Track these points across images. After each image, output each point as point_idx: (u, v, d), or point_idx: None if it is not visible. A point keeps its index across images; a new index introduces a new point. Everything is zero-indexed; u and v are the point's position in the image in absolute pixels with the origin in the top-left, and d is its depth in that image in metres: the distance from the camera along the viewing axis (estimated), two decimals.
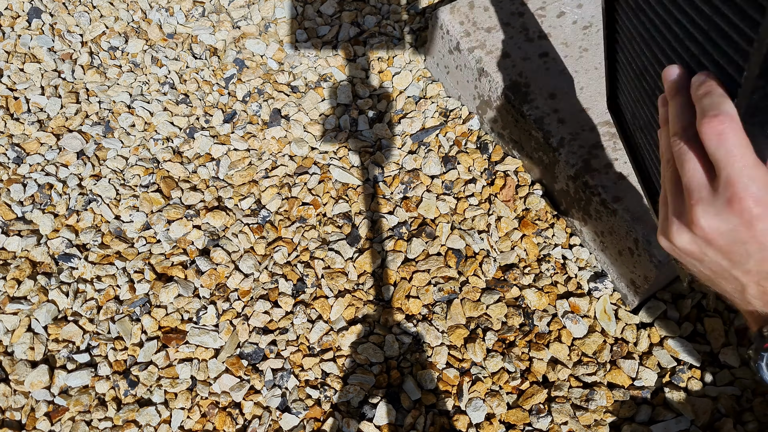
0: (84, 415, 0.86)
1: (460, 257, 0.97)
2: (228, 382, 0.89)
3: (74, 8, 1.30)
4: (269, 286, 0.96)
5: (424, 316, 0.93)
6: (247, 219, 1.03)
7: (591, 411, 0.83)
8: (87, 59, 1.23)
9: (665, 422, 0.81)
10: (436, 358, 0.89)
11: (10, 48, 1.24)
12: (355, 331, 0.92)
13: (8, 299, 0.94)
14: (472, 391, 0.86)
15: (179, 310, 0.95)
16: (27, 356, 0.91)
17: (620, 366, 0.86)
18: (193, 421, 0.86)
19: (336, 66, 1.21)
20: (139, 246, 1.01)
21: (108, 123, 1.16)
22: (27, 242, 1.00)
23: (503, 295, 0.93)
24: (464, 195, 1.02)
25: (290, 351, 0.91)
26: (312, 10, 1.30)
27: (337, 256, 0.98)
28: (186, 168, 1.10)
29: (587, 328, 0.89)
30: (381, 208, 1.03)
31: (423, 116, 1.12)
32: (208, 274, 0.97)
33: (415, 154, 1.08)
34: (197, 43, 1.26)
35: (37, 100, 1.18)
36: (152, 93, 1.20)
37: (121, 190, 1.07)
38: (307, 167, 1.09)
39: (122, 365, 0.91)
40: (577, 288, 0.93)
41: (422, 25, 1.26)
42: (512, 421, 0.83)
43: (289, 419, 0.85)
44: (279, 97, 1.17)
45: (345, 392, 0.87)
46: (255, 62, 1.23)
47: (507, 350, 0.89)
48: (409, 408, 0.85)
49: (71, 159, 1.11)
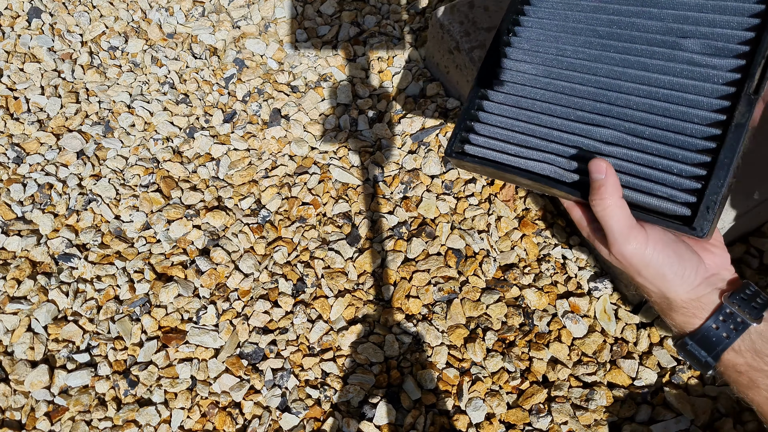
0: (84, 415, 0.86)
1: (460, 257, 0.97)
2: (228, 381, 0.89)
3: (74, 8, 1.30)
4: (269, 286, 0.96)
5: (424, 315, 0.93)
6: (247, 219, 1.03)
7: (591, 411, 0.83)
8: (87, 59, 1.23)
9: (665, 422, 0.81)
10: (436, 358, 0.89)
11: (10, 48, 1.24)
12: (355, 331, 0.92)
13: (8, 299, 0.95)
14: (472, 390, 0.86)
15: (179, 310, 0.95)
16: (27, 356, 0.91)
17: (620, 366, 0.86)
18: (193, 420, 0.86)
19: (336, 66, 1.21)
20: (139, 246, 1.01)
21: (108, 123, 1.16)
22: (27, 242, 1.00)
23: (503, 294, 0.93)
24: (464, 195, 1.02)
25: (290, 351, 0.91)
26: (312, 10, 1.30)
27: (337, 256, 0.98)
28: (186, 168, 1.10)
29: (587, 327, 0.90)
30: (381, 208, 1.03)
31: (423, 116, 1.12)
32: (208, 274, 0.97)
33: (415, 153, 1.08)
34: (197, 42, 1.26)
35: (37, 99, 1.18)
36: (152, 93, 1.20)
37: (121, 190, 1.07)
38: (307, 167, 1.09)
39: (122, 365, 0.91)
40: (577, 288, 0.93)
41: (422, 25, 1.26)
42: (512, 421, 0.83)
43: (289, 419, 0.85)
44: (279, 97, 1.17)
45: (345, 392, 0.87)
46: (255, 62, 1.23)
47: (507, 350, 0.89)
48: (409, 408, 0.85)
49: (71, 159, 1.11)
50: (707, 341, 0.46)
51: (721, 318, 0.46)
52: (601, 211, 0.45)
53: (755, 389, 0.44)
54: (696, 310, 0.47)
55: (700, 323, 0.47)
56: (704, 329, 0.47)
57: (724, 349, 0.46)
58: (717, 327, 0.46)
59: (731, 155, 0.44)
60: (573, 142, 0.50)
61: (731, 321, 0.46)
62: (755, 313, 0.45)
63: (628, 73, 0.50)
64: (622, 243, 0.45)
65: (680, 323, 0.49)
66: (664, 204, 0.46)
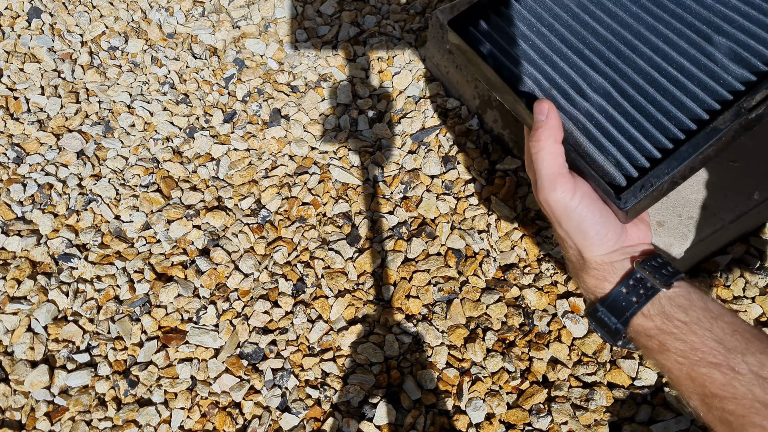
0: (84, 415, 0.86)
1: (460, 257, 0.97)
2: (228, 382, 0.89)
3: (74, 8, 1.30)
4: (269, 286, 0.96)
5: (424, 316, 0.93)
6: (247, 219, 1.03)
7: (591, 411, 0.83)
8: (87, 59, 1.23)
9: (665, 422, 0.81)
10: (436, 358, 0.89)
11: (10, 48, 1.24)
12: (355, 331, 0.92)
13: (8, 299, 0.95)
14: (472, 390, 0.86)
15: (179, 310, 0.95)
16: (27, 356, 0.91)
17: (620, 366, 0.86)
18: (193, 420, 0.86)
19: (336, 66, 1.21)
20: (139, 246, 1.01)
21: (108, 123, 1.16)
22: (27, 242, 1.00)
23: (503, 294, 0.93)
24: (464, 195, 1.02)
25: (290, 351, 0.91)
26: (312, 10, 1.30)
27: (337, 256, 0.98)
28: (186, 168, 1.10)
29: (587, 327, 0.89)
30: (381, 208, 1.03)
31: (423, 116, 1.12)
32: (208, 274, 0.97)
33: (415, 153, 1.08)
34: (197, 42, 1.26)
35: (36, 99, 1.18)
36: (152, 93, 1.20)
37: (121, 190, 1.07)
38: (307, 167, 1.09)
39: (122, 365, 0.91)
40: (577, 288, 0.93)
41: (422, 25, 1.26)
42: (512, 421, 0.83)
43: (289, 419, 0.85)
44: (279, 97, 1.17)
45: (345, 392, 0.87)
46: (255, 62, 1.23)
47: (507, 350, 0.89)
48: (409, 408, 0.85)
49: (71, 159, 1.11)
50: (617, 306, 0.46)
51: (631, 283, 0.46)
52: (535, 153, 0.45)
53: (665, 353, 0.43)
54: (607, 274, 0.47)
55: (611, 288, 0.47)
56: (614, 294, 0.46)
57: (633, 314, 0.45)
58: (627, 291, 0.46)
59: (692, 151, 0.44)
60: (565, 74, 0.51)
61: (641, 286, 0.45)
62: (665, 280, 0.44)
63: (650, 40, 0.50)
64: (549, 189, 0.45)
65: (591, 287, 0.48)
66: (608, 167, 0.46)
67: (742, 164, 0.84)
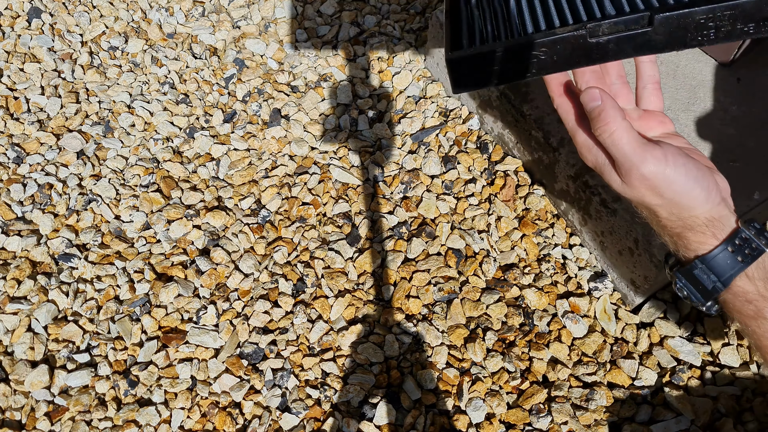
0: (84, 415, 0.86)
1: (460, 257, 0.97)
2: (228, 382, 0.89)
3: (74, 8, 1.30)
4: (269, 286, 0.96)
5: (424, 315, 0.93)
6: (247, 219, 1.03)
7: (591, 411, 0.83)
8: (87, 59, 1.23)
9: (665, 422, 0.81)
10: (436, 358, 0.89)
11: (10, 48, 1.24)
12: (355, 331, 0.92)
13: (8, 299, 0.95)
14: (472, 390, 0.86)
15: (179, 310, 0.95)
16: (27, 356, 0.91)
17: (620, 366, 0.86)
18: (193, 420, 0.86)
19: (336, 66, 1.21)
20: (139, 246, 1.01)
21: (108, 123, 1.16)
22: (27, 242, 1.00)
23: (503, 295, 0.93)
24: (464, 195, 1.02)
25: (290, 351, 0.91)
26: (312, 10, 1.30)
27: (337, 256, 0.98)
28: (186, 168, 1.10)
29: (587, 327, 0.89)
30: (381, 208, 1.03)
31: (423, 116, 1.12)
32: (208, 274, 0.97)
33: (415, 153, 1.08)
34: (197, 42, 1.26)
35: (37, 99, 1.18)
36: (152, 93, 1.20)
37: (121, 190, 1.07)
38: (307, 167, 1.09)
39: (122, 365, 0.91)
40: (577, 288, 0.93)
41: (422, 25, 1.26)
42: (512, 421, 0.83)
43: (289, 419, 0.85)
44: (279, 97, 1.17)
45: (345, 392, 0.87)
46: (255, 62, 1.23)
47: (507, 350, 0.89)
48: (409, 408, 0.85)
49: (71, 159, 1.11)
50: (721, 264, 0.44)
51: (737, 242, 0.44)
52: (607, 138, 0.43)
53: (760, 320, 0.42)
54: (716, 230, 0.44)
55: (717, 244, 0.44)
56: (718, 251, 0.44)
57: (737, 273, 0.43)
58: (732, 250, 0.44)
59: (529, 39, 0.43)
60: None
61: (747, 246, 0.43)
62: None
63: None
64: (640, 164, 0.42)
65: (695, 244, 0.45)
66: None
67: (742, 164, 0.84)
